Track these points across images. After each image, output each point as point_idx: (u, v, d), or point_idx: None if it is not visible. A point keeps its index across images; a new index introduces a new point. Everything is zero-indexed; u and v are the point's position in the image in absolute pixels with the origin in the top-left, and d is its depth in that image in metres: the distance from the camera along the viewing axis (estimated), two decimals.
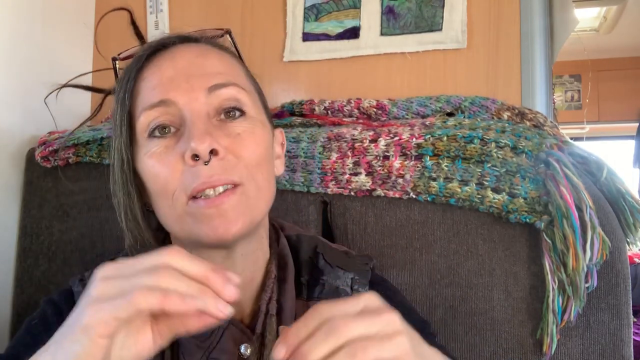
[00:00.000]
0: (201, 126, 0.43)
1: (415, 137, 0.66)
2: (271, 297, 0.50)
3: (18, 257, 0.85)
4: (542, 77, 0.80)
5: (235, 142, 0.45)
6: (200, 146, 0.41)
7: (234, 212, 0.43)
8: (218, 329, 0.47)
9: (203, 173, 0.42)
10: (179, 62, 0.46)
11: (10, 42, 0.83)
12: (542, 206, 0.59)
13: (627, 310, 0.59)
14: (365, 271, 0.56)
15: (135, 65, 0.47)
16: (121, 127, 0.46)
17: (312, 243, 0.57)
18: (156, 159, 0.44)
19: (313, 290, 0.53)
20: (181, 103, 0.44)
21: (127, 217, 0.47)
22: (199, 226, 0.43)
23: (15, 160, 0.86)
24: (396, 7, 0.87)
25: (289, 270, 0.53)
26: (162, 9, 0.99)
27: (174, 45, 0.49)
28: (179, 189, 0.43)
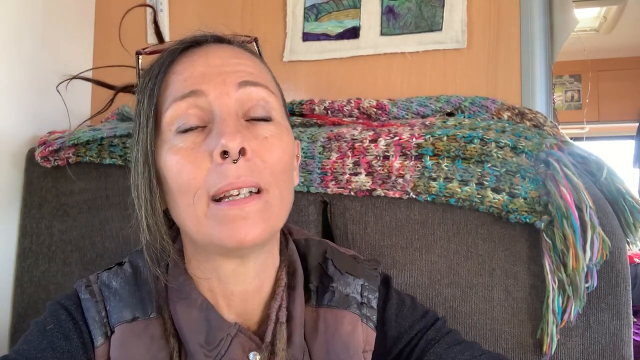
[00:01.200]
0: (232, 123, 0.42)
1: (415, 137, 0.66)
2: (281, 305, 0.49)
3: (18, 257, 0.85)
4: (542, 77, 0.80)
5: (263, 146, 0.44)
6: (231, 143, 0.40)
7: (256, 217, 0.42)
8: (226, 337, 0.46)
9: (230, 173, 0.41)
10: (212, 60, 0.46)
11: (11, 42, 0.83)
12: (542, 206, 0.59)
13: (627, 310, 0.59)
14: (374, 277, 0.55)
15: (167, 58, 0.46)
16: (147, 119, 0.44)
17: (321, 248, 0.56)
18: (182, 155, 0.43)
19: (322, 297, 0.52)
20: (212, 96, 0.43)
21: (148, 213, 0.45)
22: (219, 228, 0.42)
23: (15, 160, 0.86)
24: (396, 7, 0.87)
25: (297, 276, 0.52)
26: (162, 9, 0.99)
27: (207, 44, 0.48)
28: (202, 189, 0.42)
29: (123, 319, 0.48)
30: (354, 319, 0.51)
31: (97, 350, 0.47)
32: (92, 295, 0.49)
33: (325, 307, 0.51)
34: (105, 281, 0.50)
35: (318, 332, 0.50)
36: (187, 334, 0.47)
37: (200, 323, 0.47)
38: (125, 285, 0.50)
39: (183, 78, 0.45)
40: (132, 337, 0.47)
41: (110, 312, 0.48)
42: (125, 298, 0.49)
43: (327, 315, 0.51)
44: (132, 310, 0.48)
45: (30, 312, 0.83)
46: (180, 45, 0.47)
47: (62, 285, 0.82)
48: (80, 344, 0.46)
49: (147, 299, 0.49)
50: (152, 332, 0.47)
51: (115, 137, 0.79)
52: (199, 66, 0.45)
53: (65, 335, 0.46)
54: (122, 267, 0.52)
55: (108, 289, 0.50)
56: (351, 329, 0.51)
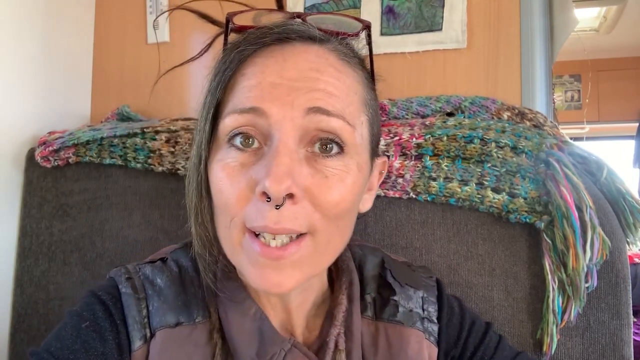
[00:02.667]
0: (285, 160, 0.36)
1: (415, 137, 0.66)
2: (340, 332, 0.45)
3: (18, 257, 0.85)
4: (542, 77, 0.80)
5: (319, 186, 0.38)
6: (275, 188, 0.34)
7: (292, 268, 0.38)
8: (280, 352, 0.43)
9: (270, 216, 0.36)
10: (288, 70, 0.38)
11: (11, 42, 0.83)
12: (542, 206, 0.59)
13: (627, 310, 0.59)
14: (432, 287, 0.52)
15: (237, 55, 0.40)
16: (206, 119, 0.40)
17: (378, 257, 0.53)
18: (227, 174, 0.38)
19: (382, 310, 0.48)
20: (274, 118, 0.37)
21: (197, 221, 0.41)
22: (250, 268, 0.38)
23: (15, 160, 0.86)
24: (396, 7, 0.87)
25: (354, 288, 0.48)
26: (162, 9, 0.99)
27: (291, 42, 0.40)
28: (238, 217, 0.38)
29: (166, 324, 0.43)
30: (420, 337, 0.48)
31: (134, 354, 0.43)
32: (135, 290, 0.45)
33: (386, 321, 0.48)
34: (149, 276, 0.46)
35: (378, 348, 0.46)
36: (238, 344, 0.43)
37: (253, 334, 0.43)
38: (172, 285, 0.46)
39: (249, 86, 0.39)
40: (173, 344, 0.43)
41: (153, 313, 0.44)
42: (171, 300, 0.45)
43: (389, 331, 0.47)
44: (176, 315, 0.44)
45: (30, 312, 0.83)
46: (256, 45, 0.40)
47: (62, 285, 0.82)
48: (116, 346, 0.42)
49: (193, 302, 0.45)
50: (197, 338, 0.44)
51: (115, 137, 0.79)
52: (270, 75, 0.38)
53: (101, 336, 0.42)
54: (166, 264, 0.48)
55: (152, 286, 0.45)
56: (418, 347, 0.47)
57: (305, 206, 0.37)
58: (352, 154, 0.40)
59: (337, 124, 0.38)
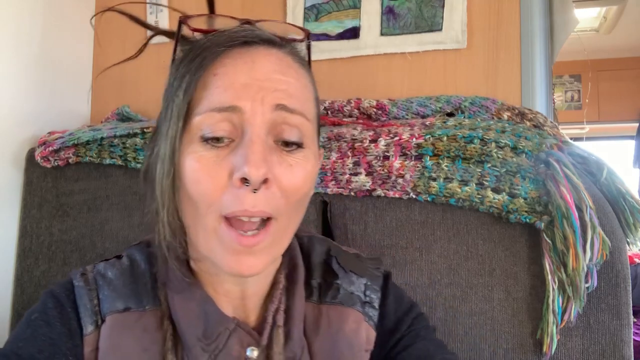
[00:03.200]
0: (259, 149, 0.40)
1: (415, 137, 0.66)
2: (278, 308, 0.49)
3: (18, 257, 0.85)
4: (542, 77, 0.80)
5: (285, 174, 0.42)
6: (254, 173, 0.39)
7: (262, 252, 0.43)
8: (224, 332, 0.46)
9: (247, 201, 0.40)
10: (257, 72, 0.43)
11: (11, 42, 0.83)
12: (542, 206, 0.59)
13: (627, 310, 0.59)
14: (377, 276, 0.55)
15: (208, 55, 0.43)
16: (178, 116, 0.42)
17: (325, 246, 0.56)
18: (203, 165, 0.41)
19: (326, 293, 0.52)
20: (248, 113, 0.41)
21: (169, 211, 0.44)
22: (224, 253, 0.42)
23: (15, 160, 0.86)
24: (396, 7, 0.87)
25: (298, 272, 0.52)
26: (162, 9, 0.99)
27: (255, 46, 0.45)
28: (215, 205, 0.41)
29: (115, 309, 0.47)
30: (358, 317, 0.51)
31: (85, 339, 0.46)
32: (87, 283, 0.49)
33: (328, 303, 0.51)
34: (101, 270, 0.50)
35: (320, 329, 0.50)
36: (184, 327, 0.46)
37: (199, 316, 0.47)
38: (121, 277, 0.50)
39: (223, 86, 0.42)
40: (122, 328, 0.47)
41: (102, 301, 0.48)
42: (119, 288, 0.48)
43: (330, 312, 0.51)
44: (124, 301, 0.48)
45: None
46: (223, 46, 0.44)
47: None
48: (65, 331, 0.46)
49: (142, 291, 0.49)
50: (146, 324, 0.47)
51: (115, 137, 0.79)
52: (241, 76, 0.43)
53: (47, 322, 0.46)
54: (120, 259, 0.52)
55: (103, 278, 0.49)
56: (355, 327, 0.51)
57: (274, 191, 0.42)
58: (310, 145, 0.45)
59: (298, 120, 0.44)
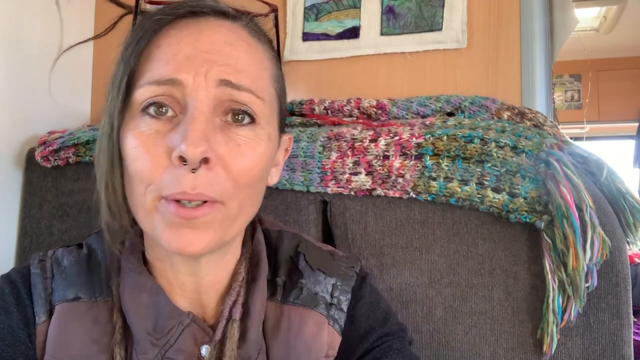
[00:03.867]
0: (200, 126, 0.37)
1: (415, 136, 0.66)
2: (236, 301, 0.46)
3: (18, 257, 0.85)
4: (542, 76, 0.80)
5: (232, 154, 0.39)
6: (191, 151, 0.36)
7: (204, 228, 0.39)
8: (177, 326, 0.43)
9: (186, 182, 0.37)
10: (202, 42, 0.40)
11: (10, 43, 0.83)
12: (542, 206, 0.59)
13: (627, 310, 0.59)
14: (350, 277, 0.52)
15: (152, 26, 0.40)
16: (119, 87, 0.40)
17: (295, 241, 0.53)
18: (142, 142, 0.39)
19: (289, 293, 0.49)
20: (189, 88, 0.39)
21: (108, 190, 0.41)
22: (162, 228, 0.39)
23: (15, 160, 0.86)
24: (396, 6, 0.87)
25: (261, 268, 0.49)
26: None
27: (205, 16, 0.42)
28: (154, 185, 0.38)
29: (64, 298, 0.46)
30: (320, 320, 0.48)
31: (37, 327, 0.45)
32: (43, 270, 0.48)
33: (290, 304, 0.49)
34: (58, 257, 0.49)
35: (280, 331, 0.47)
36: (133, 319, 0.44)
37: (149, 308, 0.44)
38: (75, 265, 0.48)
39: (165, 58, 0.40)
40: (71, 317, 0.45)
41: (55, 290, 0.46)
42: (72, 277, 0.47)
43: (292, 313, 0.48)
44: (75, 290, 0.46)
45: None
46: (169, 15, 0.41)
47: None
48: (22, 319, 0.45)
49: (96, 282, 0.47)
50: (97, 315, 0.45)
51: None
52: (185, 47, 0.39)
53: (6, 309, 0.45)
54: (80, 248, 0.50)
55: (58, 266, 0.48)
56: (316, 330, 0.48)
57: (219, 173, 0.39)
58: (263, 124, 0.42)
59: (247, 97, 0.40)
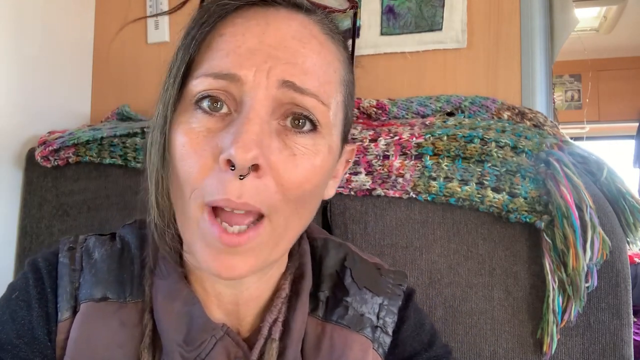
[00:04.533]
0: (253, 129, 0.33)
1: (415, 136, 0.66)
2: (276, 319, 0.43)
3: (18, 257, 0.85)
4: (542, 76, 0.80)
5: (285, 163, 0.35)
6: (241, 156, 0.32)
7: (248, 254, 0.36)
8: (210, 339, 0.41)
9: (231, 189, 0.33)
10: (269, 36, 0.36)
11: (11, 42, 0.83)
12: (542, 206, 0.59)
13: (627, 310, 0.59)
14: (397, 296, 0.48)
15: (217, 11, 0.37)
16: (176, 76, 0.37)
17: (341, 253, 0.49)
18: (190, 139, 0.35)
19: (333, 311, 0.45)
20: (248, 85, 0.35)
21: (158, 188, 0.38)
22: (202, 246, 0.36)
23: (15, 160, 0.86)
24: (396, 6, 0.87)
25: (305, 282, 0.45)
26: (162, 9, 0.99)
27: (276, 7, 0.38)
28: (199, 190, 0.35)
29: (91, 297, 0.42)
30: (365, 345, 0.45)
31: (59, 325, 0.42)
32: (72, 261, 0.44)
33: (334, 323, 0.45)
34: (90, 248, 0.45)
35: (321, 351, 0.44)
36: (164, 326, 0.40)
37: (181, 317, 0.41)
38: (107, 259, 0.44)
39: (226, 49, 0.36)
40: (97, 319, 0.41)
41: (82, 286, 0.43)
42: (101, 273, 0.43)
43: (335, 333, 0.44)
44: (104, 289, 0.42)
45: None
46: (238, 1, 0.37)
47: None
48: (43, 314, 0.42)
49: (127, 280, 0.43)
50: (125, 317, 0.42)
51: (115, 137, 0.79)
52: (250, 38, 0.36)
53: (28, 304, 0.41)
54: (113, 239, 0.47)
55: (89, 258, 0.44)
56: (361, 356, 0.44)
57: (268, 183, 0.35)
58: (324, 134, 0.38)
59: (310, 102, 0.36)
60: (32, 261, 0.44)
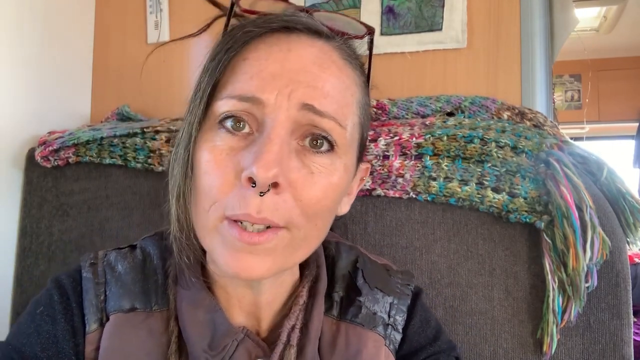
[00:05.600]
0: (274, 149, 0.36)
1: (415, 136, 0.66)
2: (294, 325, 0.45)
3: (18, 257, 0.85)
4: (542, 76, 0.80)
5: (303, 181, 0.38)
6: (262, 174, 0.34)
7: (265, 254, 0.38)
8: (232, 342, 0.43)
9: (252, 204, 0.36)
10: (291, 62, 0.38)
11: (11, 42, 0.83)
12: (542, 206, 0.59)
13: (627, 310, 0.59)
14: (406, 295, 0.51)
15: (242, 37, 0.39)
16: (201, 97, 0.39)
17: (352, 255, 0.52)
18: (214, 157, 0.38)
19: (347, 310, 0.48)
20: (270, 107, 0.37)
21: (179, 202, 0.40)
22: (221, 250, 0.38)
23: (15, 160, 0.86)
24: (396, 6, 0.87)
25: (320, 284, 0.48)
26: (162, 9, 0.99)
27: (297, 33, 0.40)
28: (220, 203, 0.37)
29: (120, 308, 0.44)
30: (379, 342, 0.47)
31: (88, 336, 0.44)
32: (95, 275, 0.46)
33: (348, 321, 0.47)
34: (111, 262, 0.47)
35: (337, 349, 0.46)
36: (190, 336, 0.43)
37: (205, 324, 0.44)
38: (131, 272, 0.46)
39: (250, 72, 0.38)
40: (127, 329, 0.44)
41: (109, 298, 0.45)
42: (128, 286, 0.45)
43: (349, 332, 0.47)
44: (131, 300, 0.45)
45: None
46: (261, 29, 0.39)
47: None
48: (69, 328, 0.43)
49: (152, 290, 0.46)
50: (152, 326, 0.44)
51: (115, 137, 0.79)
52: (272, 63, 0.38)
53: (53, 318, 0.43)
54: (133, 250, 0.49)
55: (112, 271, 0.46)
56: (375, 352, 0.47)
57: (286, 199, 0.37)
58: (341, 154, 0.40)
59: (328, 125, 0.39)
60: (55, 278, 0.46)
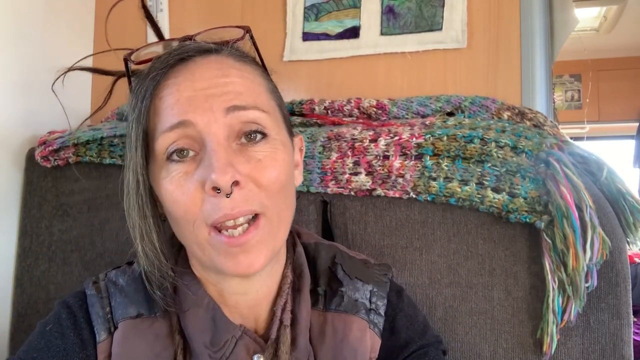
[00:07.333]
0: (222, 155, 0.41)
1: (415, 136, 0.66)
2: (285, 306, 0.49)
3: (18, 257, 0.85)
4: (542, 76, 0.80)
5: (256, 169, 0.43)
6: (221, 179, 0.39)
7: (257, 248, 0.43)
8: (231, 339, 0.47)
9: (224, 205, 0.41)
10: (198, 82, 0.43)
11: (11, 42, 0.83)
12: (542, 206, 0.59)
13: (627, 310, 0.59)
14: (384, 283, 0.55)
15: (151, 82, 0.44)
16: (136, 146, 0.43)
17: (331, 252, 0.56)
18: (175, 186, 0.42)
19: (331, 301, 0.52)
20: (200, 124, 0.42)
21: (144, 241, 0.45)
22: (221, 259, 0.43)
23: (15, 160, 0.86)
24: (396, 6, 0.87)
25: (304, 279, 0.52)
26: (162, 9, 0.99)
27: (193, 59, 0.45)
28: (199, 219, 0.42)
29: (127, 315, 0.48)
30: (362, 325, 0.51)
31: (98, 346, 0.47)
32: (98, 291, 0.50)
33: (333, 311, 0.51)
34: (112, 278, 0.51)
35: (325, 337, 0.50)
36: (192, 333, 0.47)
37: (206, 323, 0.47)
38: (132, 283, 0.50)
39: (170, 106, 0.43)
40: (135, 333, 0.47)
41: (115, 308, 0.48)
42: (131, 295, 0.49)
43: (335, 320, 0.51)
44: (137, 307, 0.48)
45: (30, 312, 0.83)
46: (162, 69, 0.44)
47: (62, 285, 0.82)
48: (79, 341, 0.47)
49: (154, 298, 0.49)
50: (157, 330, 0.48)
51: (115, 137, 0.79)
52: (184, 90, 0.43)
53: (62, 333, 0.47)
54: (131, 266, 0.52)
55: (115, 285, 0.50)
56: (360, 335, 0.51)
57: (251, 189, 0.42)
58: (274, 135, 0.45)
59: (254, 114, 0.44)
60: (61, 301, 0.50)
